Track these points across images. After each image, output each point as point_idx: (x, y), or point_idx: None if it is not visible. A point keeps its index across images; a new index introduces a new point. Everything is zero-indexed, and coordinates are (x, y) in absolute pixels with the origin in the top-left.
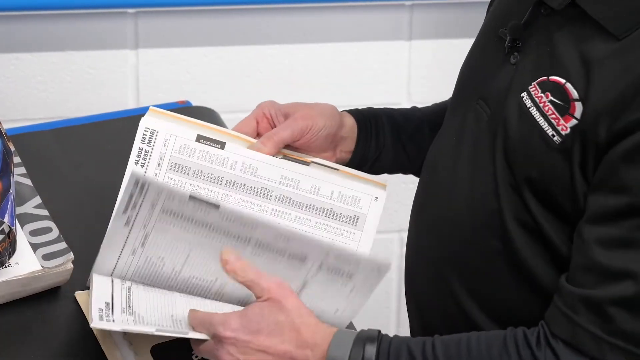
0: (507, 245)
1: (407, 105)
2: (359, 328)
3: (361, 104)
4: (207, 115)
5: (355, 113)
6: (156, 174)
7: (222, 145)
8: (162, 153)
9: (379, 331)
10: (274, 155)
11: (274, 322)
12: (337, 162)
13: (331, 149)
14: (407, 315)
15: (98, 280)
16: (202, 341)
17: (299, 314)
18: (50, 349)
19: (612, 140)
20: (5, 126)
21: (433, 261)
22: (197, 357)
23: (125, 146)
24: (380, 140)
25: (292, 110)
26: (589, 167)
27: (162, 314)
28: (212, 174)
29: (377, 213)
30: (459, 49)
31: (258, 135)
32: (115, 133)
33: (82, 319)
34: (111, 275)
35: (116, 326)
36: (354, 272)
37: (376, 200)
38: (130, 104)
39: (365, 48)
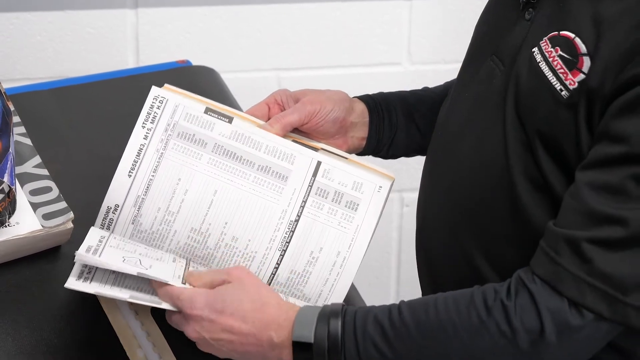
0: (515, 203)
1: (407, 65)
2: (359, 287)
3: (361, 63)
4: (206, 74)
5: (365, 98)
6: (162, 139)
7: (229, 119)
8: (170, 120)
9: (343, 304)
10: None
11: (237, 302)
12: (349, 148)
13: (341, 134)
14: (417, 274)
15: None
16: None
17: (259, 293)
18: (50, 308)
19: (615, 92)
20: (5, 86)
21: (445, 220)
22: None
23: (125, 105)
24: (393, 122)
25: (302, 95)
26: (595, 121)
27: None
28: (216, 144)
29: (379, 202)
30: (460, 7)
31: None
32: (114, 92)
33: None
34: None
35: (90, 289)
36: (355, 197)
37: (379, 190)
38: (130, 64)
39: (365, 6)
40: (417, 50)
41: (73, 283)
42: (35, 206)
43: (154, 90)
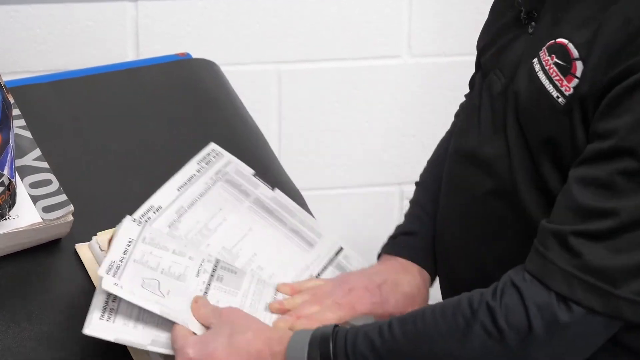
0: (521, 210)
1: (407, 57)
2: None
3: (361, 56)
4: (207, 67)
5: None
6: (212, 178)
7: (272, 188)
8: (222, 168)
9: (334, 326)
10: None
11: (227, 337)
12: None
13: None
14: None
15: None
16: None
17: (248, 325)
18: (50, 301)
19: (604, 91)
20: (5, 78)
21: (459, 226)
22: None
23: (125, 98)
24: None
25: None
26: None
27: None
28: (257, 198)
29: None
30: (461, 0)
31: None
32: (114, 85)
33: (82, 272)
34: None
35: (111, 334)
36: None
37: None
38: (130, 57)
39: None
40: (417, 43)
41: (96, 323)
42: (35, 199)
43: (212, 145)
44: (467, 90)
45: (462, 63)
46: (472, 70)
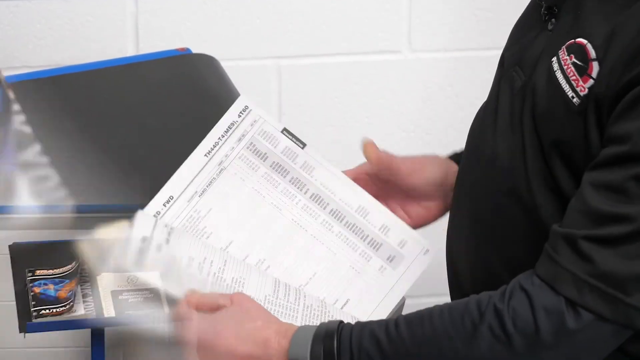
0: (533, 211)
1: (407, 53)
2: None
3: (361, 51)
4: (207, 62)
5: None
6: (233, 147)
7: (303, 145)
8: (246, 130)
9: (340, 322)
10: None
11: (236, 323)
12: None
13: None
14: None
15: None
16: None
17: (259, 314)
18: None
19: (619, 95)
20: (5, 74)
21: (469, 227)
22: None
23: (125, 93)
24: None
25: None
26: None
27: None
28: (279, 164)
29: (421, 266)
30: None
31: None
32: (114, 80)
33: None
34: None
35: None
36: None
37: (426, 253)
38: (130, 52)
39: None
40: (417, 39)
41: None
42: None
43: (243, 98)
44: (468, 86)
45: (463, 59)
46: (472, 65)
